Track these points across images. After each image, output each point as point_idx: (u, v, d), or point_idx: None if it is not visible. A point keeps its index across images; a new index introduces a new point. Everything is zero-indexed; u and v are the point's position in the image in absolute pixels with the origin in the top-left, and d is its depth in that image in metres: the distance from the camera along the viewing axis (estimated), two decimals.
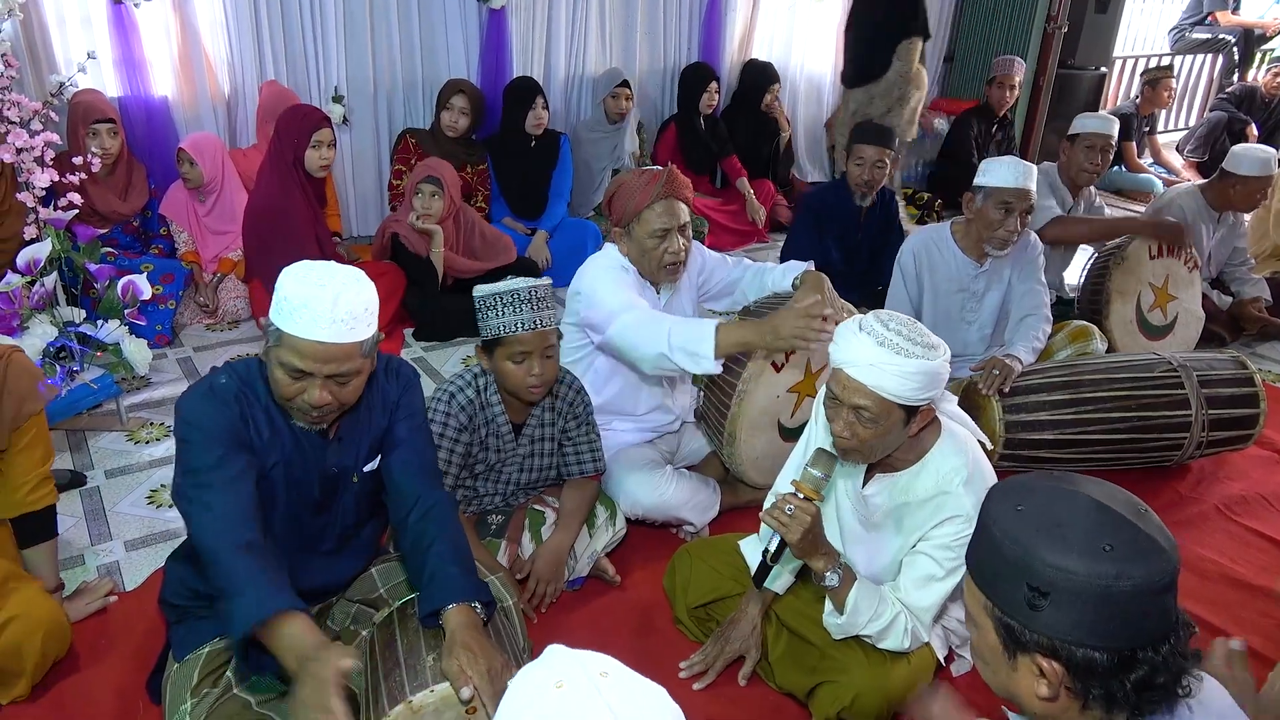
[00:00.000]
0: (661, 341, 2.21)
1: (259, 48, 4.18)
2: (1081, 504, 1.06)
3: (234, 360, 1.73)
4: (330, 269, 1.60)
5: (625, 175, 2.54)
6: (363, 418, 1.79)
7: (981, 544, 1.12)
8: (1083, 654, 1.03)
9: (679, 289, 2.65)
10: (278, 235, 3.61)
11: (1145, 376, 2.93)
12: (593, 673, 0.87)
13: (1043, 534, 1.04)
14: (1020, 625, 1.06)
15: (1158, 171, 6.70)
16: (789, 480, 1.91)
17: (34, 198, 2.99)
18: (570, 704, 0.83)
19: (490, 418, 2.29)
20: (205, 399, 1.64)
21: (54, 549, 2.12)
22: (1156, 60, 7.91)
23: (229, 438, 1.62)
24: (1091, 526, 1.03)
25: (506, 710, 0.87)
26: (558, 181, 4.62)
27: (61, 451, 2.95)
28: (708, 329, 2.16)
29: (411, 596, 1.83)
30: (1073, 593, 1.01)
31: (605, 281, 2.46)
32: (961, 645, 2.17)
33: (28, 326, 2.83)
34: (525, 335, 2.13)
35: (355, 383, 1.65)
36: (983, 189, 2.94)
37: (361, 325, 1.58)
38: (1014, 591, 1.06)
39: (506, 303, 2.12)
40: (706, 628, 2.26)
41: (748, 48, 5.86)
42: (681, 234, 2.49)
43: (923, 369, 1.68)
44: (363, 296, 1.58)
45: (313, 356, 1.56)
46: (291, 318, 1.54)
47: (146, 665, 2.02)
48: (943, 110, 6.53)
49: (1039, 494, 1.10)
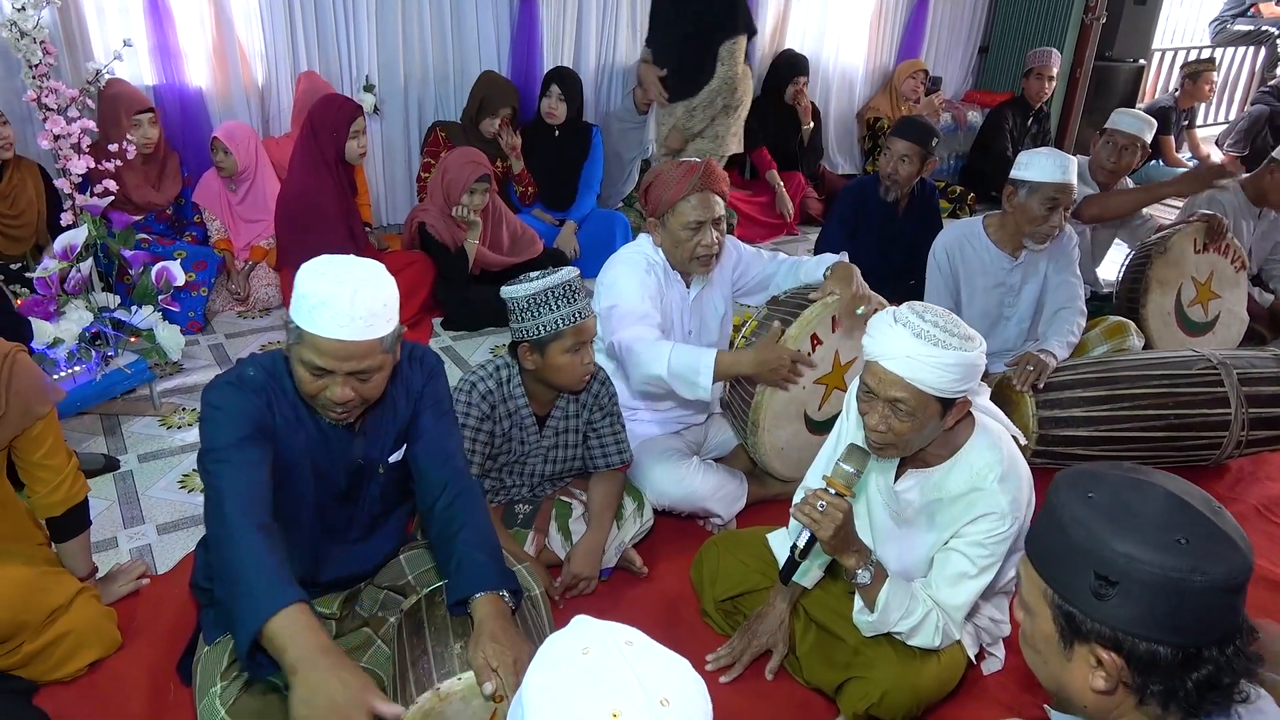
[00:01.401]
0: (661, 365, 2.31)
1: (292, 37, 4.20)
2: (1156, 495, 1.04)
3: (260, 353, 1.73)
4: (349, 265, 1.58)
5: (662, 165, 2.52)
6: (387, 409, 1.79)
7: (1047, 529, 1.10)
8: (1146, 647, 1.00)
9: (710, 282, 2.64)
10: (310, 225, 3.63)
11: (1183, 374, 2.88)
12: (619, 640, 0.89)
13: (1115, 522, 1.02)
14: (1083, 614, 1.04)
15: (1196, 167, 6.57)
16: (820, 476, 1.89)
17: (70, 184, 3.02)
18: (596, 668, 0.86)
19: (513, 409, 2.28)
20: (232, 388, 1.64)
21: (87, 539, 2.14)
22: (1196, 53, 7.77)
23: (252, 425, 1.61)
24: (1166, 518, 1.01)
25: (534, 674, 0.88)
26: (588, 172, 4.60)
27: (95, 435, 2.98)
28: (708, 358, 2.29)
29: (439, 584, 1.83)
30: (1143, 584, 0.99)
31: (627, 283, 2.46)
32: (993, 644, 2.14)
33: (64, 311, 2.87)
34: (581, 325, 2.14)
35: (377, 378, 1.63)
36: (1026, 183, 2.87)
37: (381, 321, 1.56)
38: (1079, 579, 1.03)
39: (557, 297, 2.11)
40: (733, 621, 2.24)
41: (780, 38, 5.81)
42: (715, 227, 2.47)
43: (960, 360, 1.66)
44: (382, 292, 1.56)
45: (333, 354, 1.54)
46: (310, 316, 1.53)
47: (177, 647, 2.04)
48: (977, 103, 6.46)
49: (1110, 482, 1.07)
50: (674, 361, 2.29)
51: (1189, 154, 6.72)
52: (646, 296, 2.46)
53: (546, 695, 0.85)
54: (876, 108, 6.01)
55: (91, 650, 2.02)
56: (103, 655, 2.05)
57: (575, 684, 0.85)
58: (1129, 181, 3.89)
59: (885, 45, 6.27)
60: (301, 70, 4.23)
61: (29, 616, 1.89)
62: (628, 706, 0.83)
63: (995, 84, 6.72)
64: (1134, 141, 3.61)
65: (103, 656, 2.05)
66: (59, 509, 2.01)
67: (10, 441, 1.91)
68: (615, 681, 0.85)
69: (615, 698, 0.84)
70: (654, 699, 0.84)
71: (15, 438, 1.90)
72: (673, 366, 2.29)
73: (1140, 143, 3.62)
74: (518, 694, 0.89)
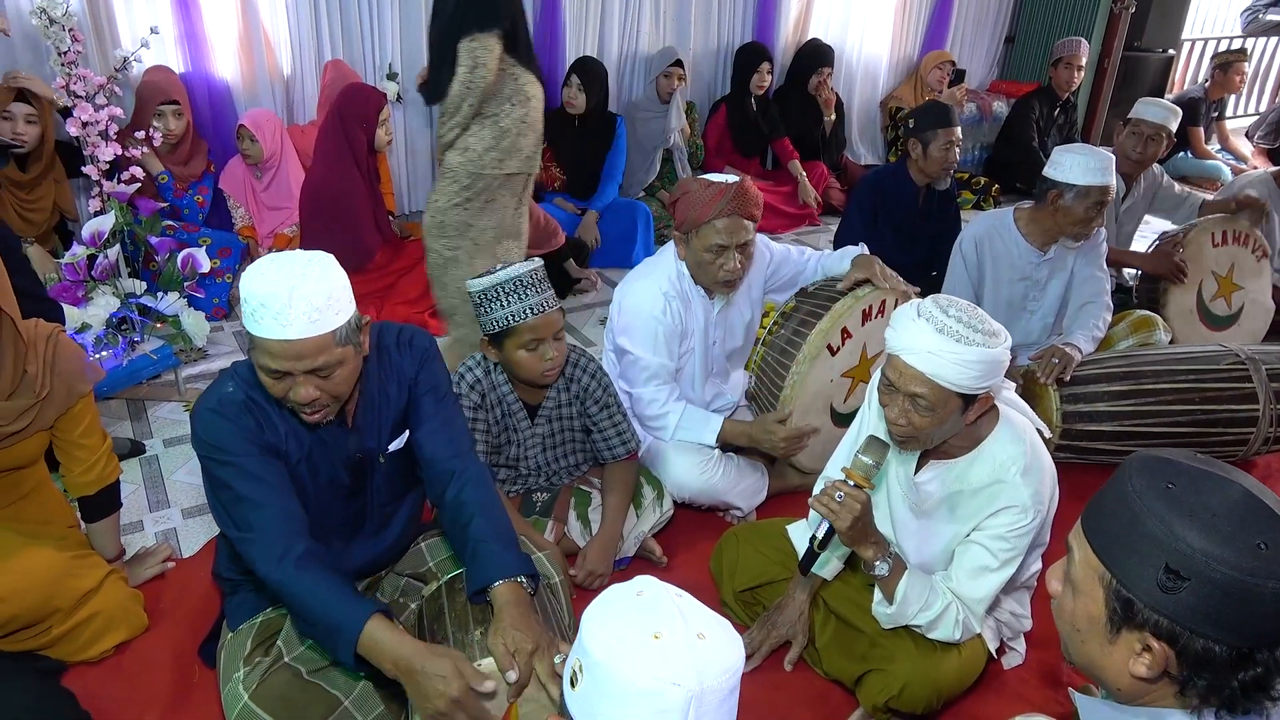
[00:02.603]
0: (666, 432, 2.53)
1: (316, 25, 4.21)
2: (1236, 494, 1.01)
3: (241, 361, 1.68)
4: (289, 261, 1.52)
5: (692, 181, 2.42)
6: (378, 398, 1.75)
7: (1116, 514, 1.07)
8: (1203, 644, 0.99)
9: (733, 301, 2.60)
10: (335, 214, 3.65)
11: (1210, 369, 2.85)
12: (671, 590, 1.01)
13: (1193, 517, 1.00)
14: (1142, 603, 1.02)
15: (1225, 158, 6.48)
16: (840, 467, 1.88)
17: (98, 171, 3.05)
18: (646, 603, 0.98)
19: (500, 398, 2.27)
20: (217, 416, 1.60)
21: (117, 521, 2.17)
22: (1227, 43, 7.65)
23: (248, 448, 1.60)
24: (1247, 520, 0.99)
25: (592, 607, 1.00)
26: (611, 162, 4.59)
27: (121, 420, 3.02)
28: (714, 424, 2.51)
29: (459, 571, 1.84)
30: (1214, 583, 0.97)
31: (644, 333, 2.45)
32: (1014, 638, 2.13)
33: (92, 297, 2.90)
34: (535, 321, 2.10)
35: (340, 373, 1.56)
36: (1072, 187, 2.80)
37: (328, 315, 1.50)
38: (1146, 568, 1.01)
39: (509, 291, 2.08)
40: (753, 612, 2.24)
41: (804, 28, 5.77)
42: (741, 252, 2.39)
43: (983, 357, 1.64)
44: (323, 286, 1.49)
45: (283, 355, 1.49)
46: (253, 319, 1.48)
47: (201, 630, 2.07)
48: (1002, 93, 6.39)
49: (1189, 475, 1.05)
50: (679, 433, 2.53)
51: (1218, 146, 6.63)
52: (663, 345, 2.45)
53: (601, 619, 0.98)
54: (899, 97, 5.96)
55: (119, 632, 2.05)
56: (129, 637, 2.08)
57: (627, 611, 0.98)
58: (1157, 171, 3.83)
59: (910, 35, 6.21)
60: (326, 59, 4.24)
61: (60, 601, 1.92)
62: (668, 631, 0.95)
63: (1021, 74, 6.65)
64: (1160, 131, 3.56)
65: (129, 638, 2.08)
66: (93, 488, 2.05)
67: (54, 421, 1.94)
68: (662, 613, 0.97)
69: (659, 624, 0.95)
70: (692, 631, 0.95)
71: (59, 417, 1.94)
72: (677, 436, 2.53)
73: (1166, 132, 3.57)
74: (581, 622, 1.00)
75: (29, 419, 1.87)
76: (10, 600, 1.84)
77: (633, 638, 0.94)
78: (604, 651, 0.94)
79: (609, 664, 0.93)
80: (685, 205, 2.39)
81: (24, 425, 1.86)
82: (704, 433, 2.51)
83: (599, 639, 0.95)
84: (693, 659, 0.92)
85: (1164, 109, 3.61)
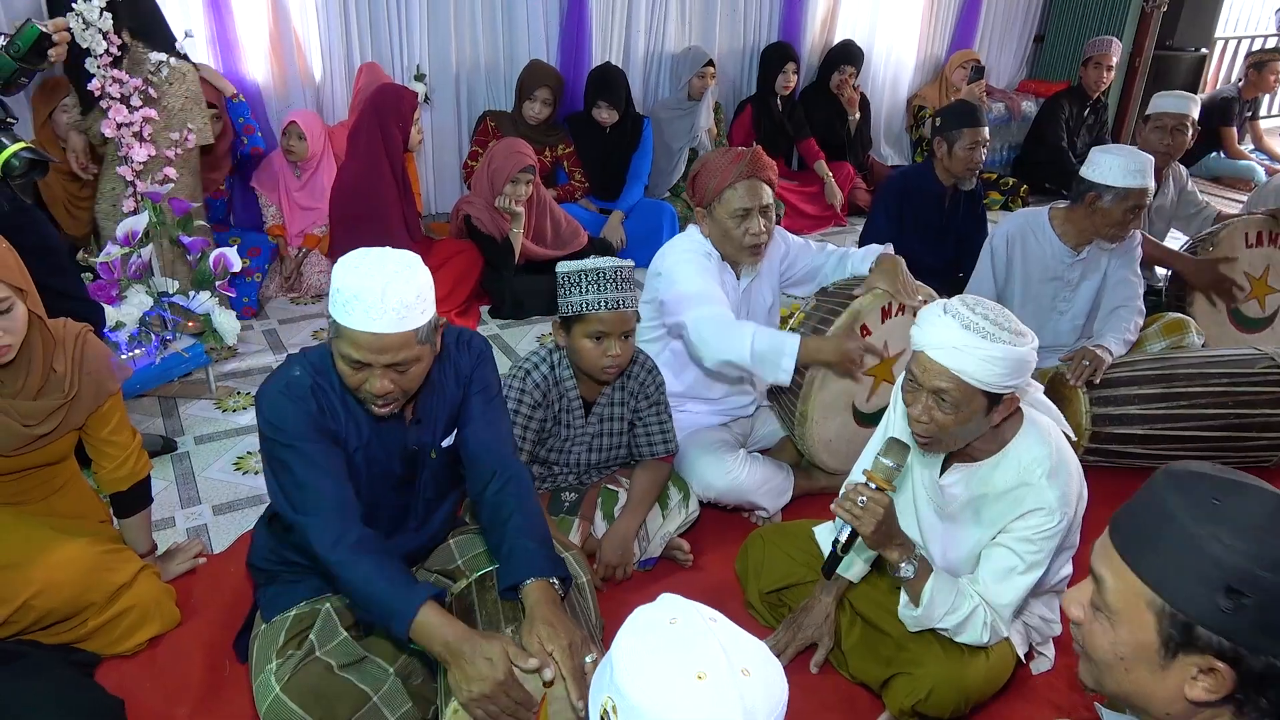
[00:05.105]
0: (744, 346, 2.28)
1: (345, 27, 4.25)
2: (1273, 502, 0.99)
3: (311, 348, 1.75)
4: (383, 258, 1.59)
5: (709, 154, 2.52)
6: (438, 393, 1.81)
7: (1161, 536, 1.02)
8: (1266, 662, 0.96)
9: (759, 274, 2.63)
10: (365, 212, 3.69)
11: (1244, 372, 2.81)
12: (704, 615, 0.97)
13: (1253, 533, 0.97)
14: (1202, 625, 0.99)
15: (1259, 158, 6.39)
16: (861, 470, 1.88)
17: (132, 171, 3.09)
18: (683, 635, 0.93)
19: (563, 393, 2.30)
20: (283, 398, 1.67)
21: (149, 517, 2.21)
22: (1261, 41, 7.54)
23: (310, 432, 1.66)
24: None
25: (624, 638, 0.95)
26: (637, 164, 4.61)
27: (153, 417, 3.06)
28: (793, 342, 2.28)
29: (489, 569, 1.86)
30: (1277, 597, 0.95)
31: (688, 266, 2.45)
32: (1043, 643, 2.12)
33: (125, 295, 2.95)
34: (605, 314, 2.14)
35: (415, 370, 1.64)
36: (1111, 189, 2.76)
37: (414, 313, 1.57)
38: (1204, 589, 0.98)
39: (590, 280, 2.13)
40: (778, 613, 2.24)
41: (831, 28, 5.75)
42: (763, 215, 2.46)
43: (1008, 354, 1.63)
44: (414, 284, 1.56)
45: (368, 347, 1.56)
46: (345, 310, 1.55)
47: (233, 625, 2.10)
48: (1032, 92, 6.33)
49: (1225, 488, 1.02)
50: (758, 344, 2.27)
51: (1251, 146, 6.53)
52: (709, 278, 2.45)
53: (636, 656, 0.92)
54: (924, 96, 5.93)
55: (152, 626, 2.08)
56: (162, 631, 2.11)
57: (664, 647, 0.93)
58: (1184, 174, 3.77)
59: (938, 35, 6.17)
60: (355, 60, 4.28)
61: (94, 595, 1.95)
62: (713, 670, 0.89)
63: (1051, 73, 6.58)
64: (1183, 120, 3.51)
65: (162, 632, 2.11)
66: (124, 484, 2.08)
67: (84, 420, 1.97)
68: (701, 649, 0.92)
69: (701, 661, 0.90)
70: (736, 667, 0.90)
71: (89, 416, 1.97)
72: (757, 348, 2.27)
73: (1190, 120, 3.52)
74: (607, 656, 0.96)
75: (58, 419, 1.90)
76: (47, 593, 1.87)
77: (675, 680, 0.89)
78: (643, 695, 0.89)
79: (651, 710, 0.88)
80: (705, 175, 2.47)
81: (54, 426, 1.90)
82: (784, 345, 2.28)
83: (637, 682, 0.90)
84: (740, 700, 0.88)
85: (1182, 98, 3.55)
